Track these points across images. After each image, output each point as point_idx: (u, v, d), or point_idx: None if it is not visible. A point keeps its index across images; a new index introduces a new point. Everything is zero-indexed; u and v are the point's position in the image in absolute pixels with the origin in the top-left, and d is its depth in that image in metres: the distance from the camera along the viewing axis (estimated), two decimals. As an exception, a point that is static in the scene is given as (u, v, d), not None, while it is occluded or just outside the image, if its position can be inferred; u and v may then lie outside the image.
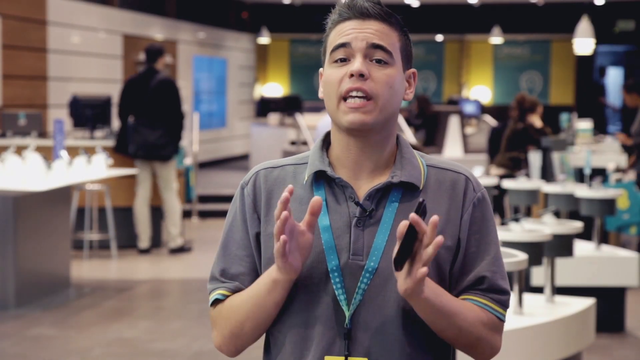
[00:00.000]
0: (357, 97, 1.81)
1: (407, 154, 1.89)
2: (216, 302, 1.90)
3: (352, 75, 1.81)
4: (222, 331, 1.88)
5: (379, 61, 1.82)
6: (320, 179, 1.87)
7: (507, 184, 7.23)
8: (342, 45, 1.83)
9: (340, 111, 1.83)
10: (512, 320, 4.38)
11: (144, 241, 9.31)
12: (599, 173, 8.78)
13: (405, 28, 1.89)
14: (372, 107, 1.81)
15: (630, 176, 8.69)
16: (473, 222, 1.87)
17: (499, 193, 8.86)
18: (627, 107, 9.97)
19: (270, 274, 1.81)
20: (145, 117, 9.04)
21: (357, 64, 1.81)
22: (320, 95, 1.89)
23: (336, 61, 1.84)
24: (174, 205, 9.25)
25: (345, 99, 1.82)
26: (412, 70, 1.91)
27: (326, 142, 1.92)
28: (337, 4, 1.88)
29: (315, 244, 1.83)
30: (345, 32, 1.83)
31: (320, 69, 1.90)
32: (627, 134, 9.80)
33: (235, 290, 1.89)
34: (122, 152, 9.20)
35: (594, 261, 6.28)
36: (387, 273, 1.81)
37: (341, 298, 1.81)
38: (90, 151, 8.44)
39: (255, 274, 1.89)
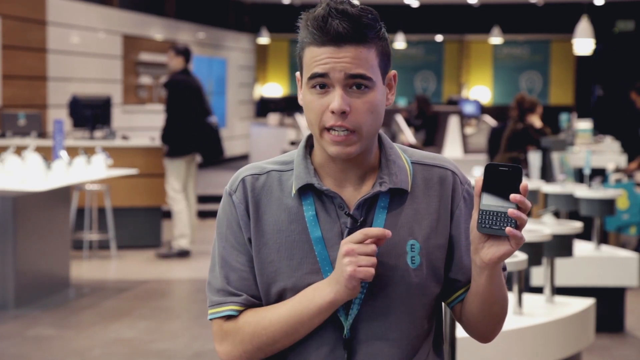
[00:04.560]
0: (340, 130, 1.77)
1: (391, 155, 1.86)
2: (228, 317, 1.84)
3: (333, 112, 1.76)
4: (244, 346, 1.82)
5: (359, 85, 1.77)
6: (308, 189, 1.83)
7: (507, 184, 7.22)
8: (320, 75, 1.76)
9: (324, 140, 1.79)
10: (512, 321, 4.38)
11: (188, 242, 9.28)
12: (599, 173, 8.78)
13: (382, 29, 1.80)
14: (356, 138, 1.77)
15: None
16: (465, 216, 1.86)
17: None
18: (634, 108, 9.98)
19: (325, 296, 1.75)
20: (207, 116, 9.20)
21: (337, 101, 1.75)
22: (300, 102, 1.83)
23: (314, 87, 1.78)
24: (192, 203, 9.37)
25: (328, 129, 1.78)
26: (392, 73, 1.85)
27: (308, 145, 1.88)
28: (310, 16, 1.78)
29: (309, 256, 1.81)
30: (322, 60, 1.76)
31: (297, 73, 1.85)
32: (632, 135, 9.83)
33: (246, 304, 1.84)
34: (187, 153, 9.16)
35: (593, 261, 6.28)
36: (382, 280, 1.80)
37: (339, 309, 1.80)
38: (89, 151, 8.43)
39: (256, 281, 1.85)
